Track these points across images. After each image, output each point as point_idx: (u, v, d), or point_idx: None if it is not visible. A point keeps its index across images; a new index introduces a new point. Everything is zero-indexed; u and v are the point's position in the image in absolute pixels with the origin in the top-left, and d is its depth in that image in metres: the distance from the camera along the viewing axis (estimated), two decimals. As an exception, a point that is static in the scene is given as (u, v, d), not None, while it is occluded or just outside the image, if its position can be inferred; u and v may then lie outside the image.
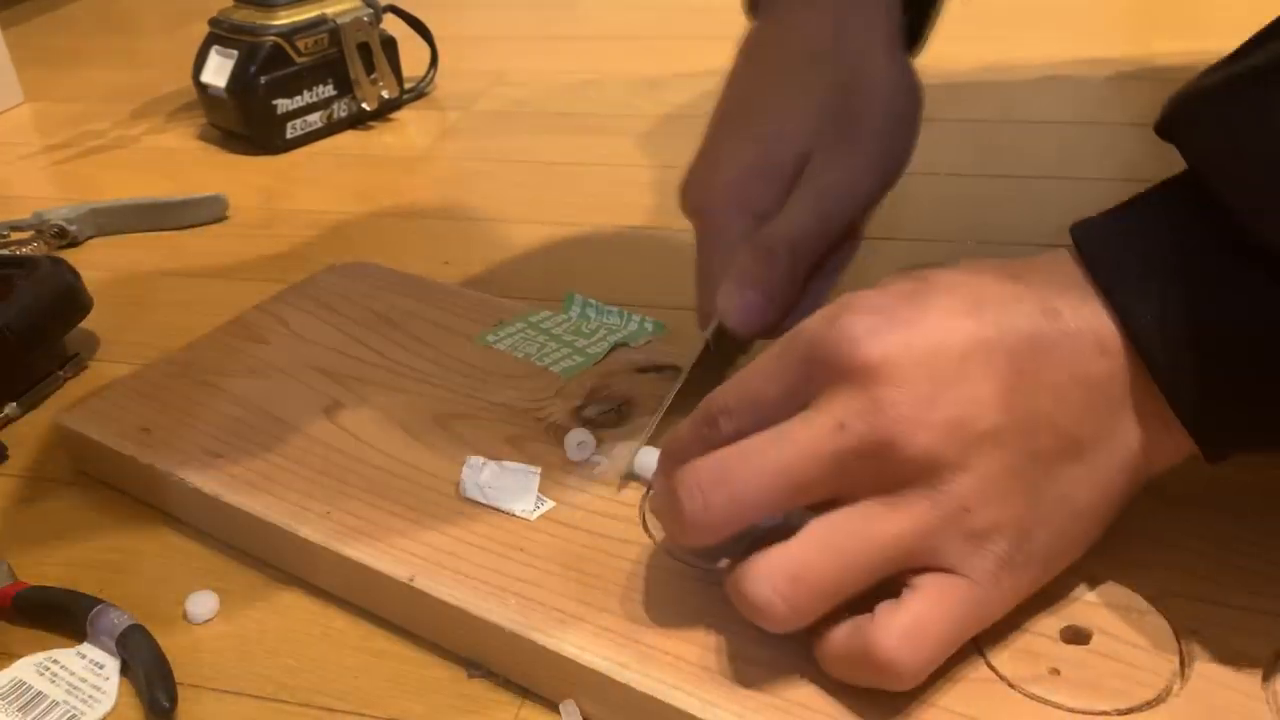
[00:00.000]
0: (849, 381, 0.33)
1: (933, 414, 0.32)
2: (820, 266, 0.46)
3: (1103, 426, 0.34)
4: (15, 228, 0.75)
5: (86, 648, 0.42)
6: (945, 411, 0.32)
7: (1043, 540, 0.34)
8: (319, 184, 0.84)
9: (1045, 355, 0.33)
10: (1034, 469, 0.33)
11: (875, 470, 0.33)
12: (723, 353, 0.45)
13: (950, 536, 0.33)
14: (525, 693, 0.39)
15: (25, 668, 0.42)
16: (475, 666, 0.40)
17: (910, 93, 0.47)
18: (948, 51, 1.02)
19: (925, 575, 0.33)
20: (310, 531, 0.43)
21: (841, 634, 0.34)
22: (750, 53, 0.50)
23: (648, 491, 0.44)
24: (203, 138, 0.93)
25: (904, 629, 0.32)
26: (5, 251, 0.73)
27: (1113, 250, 0.34)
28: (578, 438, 0.46)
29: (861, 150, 0.45)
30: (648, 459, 0.44)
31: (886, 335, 0.33)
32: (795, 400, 0.35)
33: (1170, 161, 0.34)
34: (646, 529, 0.42)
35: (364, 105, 0.93)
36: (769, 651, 0.36)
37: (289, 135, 0.89)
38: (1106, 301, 0.33)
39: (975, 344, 0.33)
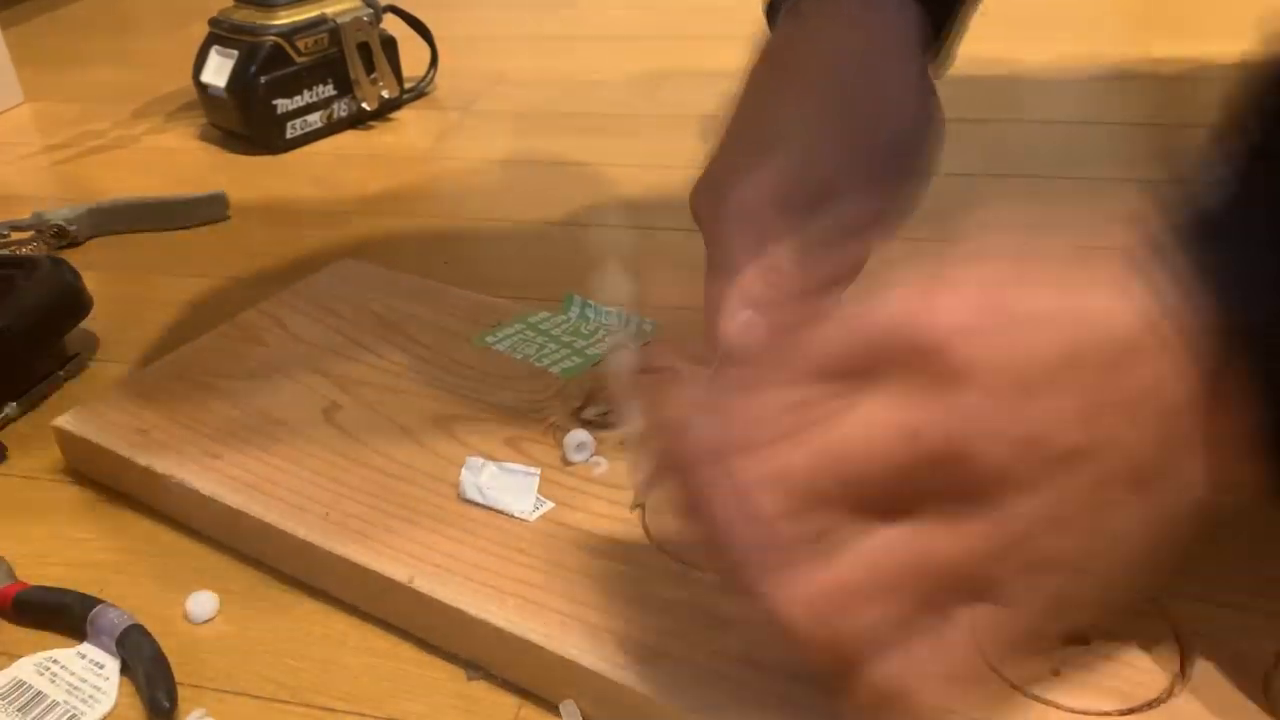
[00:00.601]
0: (928, 379, 0.30)
1: (1014, 428, 0.30)
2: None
3: (1171, 457, 0.31)
4: (15, 228, 0.75)
5: (86, 648, 0.42)
6: (1026, 426, 0.30)
7: (1091, 583, 0.32)
8: (319, 184, 0.84)
9: (1131, 371, 0.30)
10: (1097, 498, 0.31)
11: (941, 481, 0.30)
12: None
13: (1008, 564, 0.31)
14: (525, 693, 0.39)
15: (25, 668, 0.42)
16: (475, 667, 0.40)
17: (934, 116, 0.46)
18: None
19: (974, 610, 0.31)
20: (309, 533, 0.43)
21: (879, 674, 0.31)
22: (771, 58, 0.48)
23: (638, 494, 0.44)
24: (203, 138, 0.93)
25: (949, 672, 0.31)
26: (5, 251, 0.73)
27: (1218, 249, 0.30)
28: (577, 439, 0.46)
29: (889, 190, 0.44)
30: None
31: (977, 332, 0.30)
32: (850, 381, 0.31)
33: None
34: (646, 530, 0.42)
35: (364, 105, 0.93)
36: (770, 654, 0.36)
37: (289, 135, 0.89)
38: (1207, 303, 0.30)
39: (1069, 353, 0.30)
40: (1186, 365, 0.30)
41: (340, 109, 0.92)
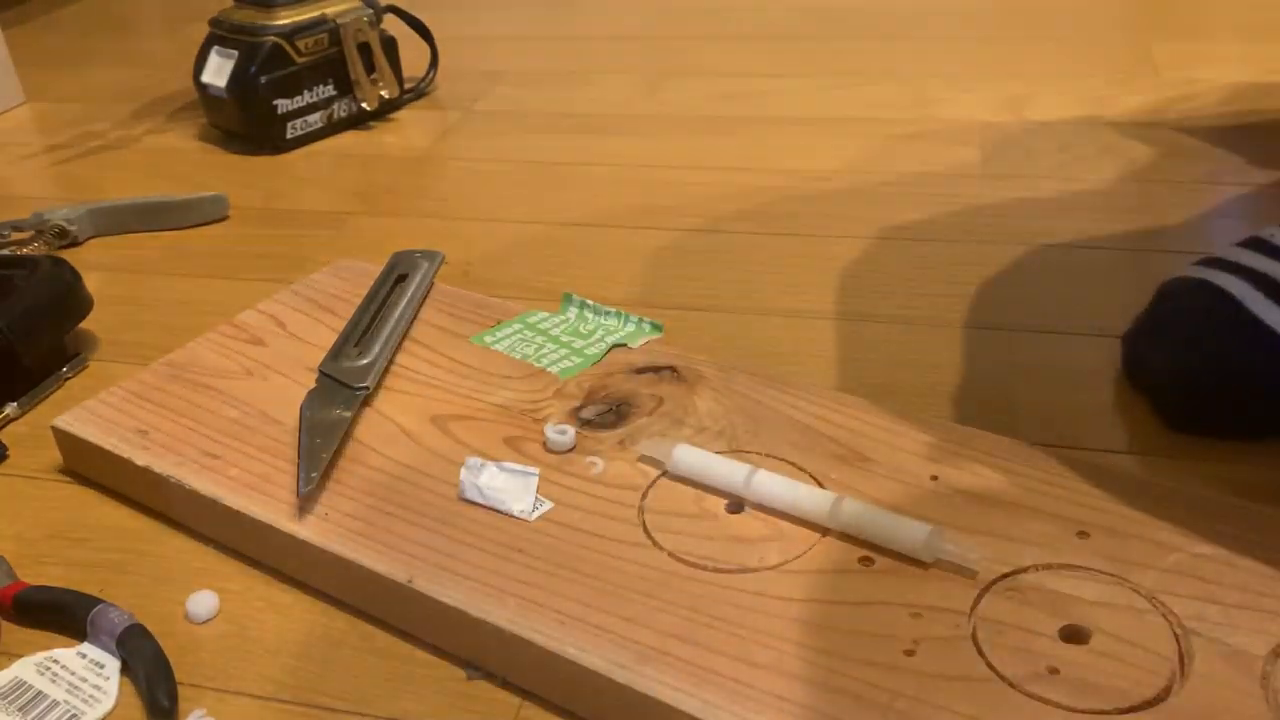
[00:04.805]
0: None
1: None
2: None
3: None
4: (15, 228, 0.75)
5: (87, 647, 0.42)
6: None
7: None
8: (319, 184, 0.84)
9: None
10: None
11: None
12: None
13: None
14: (525, 693, 0.39)
15: (25, 667, 0.42)
16: (475, 667, 0.41)
17: None
18: (950, 52, 1.02)
19: None
20: (309, 533, 0.43)
21: None
22: None
23: (646, 492, 0.44)
24: (203, 138, 0.93)
25: None
26: (5, 251, 0.73)
27: None
28: (557, 428, 0.46)
29: None
30: (686, 456, 0.43)
31: None
32: None
33: (1171, 164, 0.34)
34: (646, 530, 0.42)
35: (364, 105, 0.93)
36: (769, 652, 0.36)
37: (289, 135, 0.89)
38: None
39: None
40: None
41: (340, 109, 0.92)
